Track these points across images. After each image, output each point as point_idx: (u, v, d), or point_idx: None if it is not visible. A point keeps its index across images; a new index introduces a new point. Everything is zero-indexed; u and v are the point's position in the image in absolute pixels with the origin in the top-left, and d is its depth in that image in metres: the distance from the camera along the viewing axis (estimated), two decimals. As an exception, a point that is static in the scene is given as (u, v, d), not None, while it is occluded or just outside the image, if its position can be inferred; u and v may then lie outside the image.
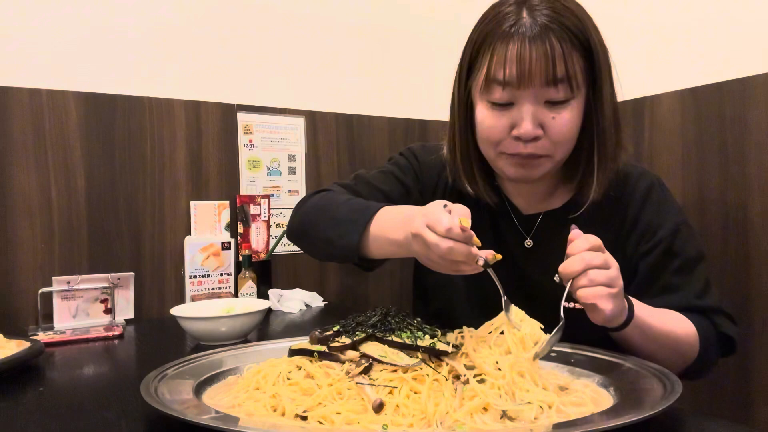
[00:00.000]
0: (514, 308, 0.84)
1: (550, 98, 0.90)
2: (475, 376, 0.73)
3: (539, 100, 0.90)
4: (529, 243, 1.05)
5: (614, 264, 0.81)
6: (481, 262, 0.77)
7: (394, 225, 0.89)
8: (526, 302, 0.92)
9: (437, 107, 2.00)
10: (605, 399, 0.75)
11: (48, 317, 1.40)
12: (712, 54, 1.35)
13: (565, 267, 0.81)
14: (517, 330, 0.81)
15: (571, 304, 0.98)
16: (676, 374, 0.90)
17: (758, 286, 1.26)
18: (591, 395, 0.75)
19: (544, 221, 1.05)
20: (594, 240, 0.81)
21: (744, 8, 1.29)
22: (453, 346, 0.77)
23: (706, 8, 1.36)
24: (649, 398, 0.69)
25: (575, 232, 0.83)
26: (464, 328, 0.84)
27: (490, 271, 0.80)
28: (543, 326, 0.82)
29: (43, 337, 1.25)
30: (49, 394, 0.91)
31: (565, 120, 0.91)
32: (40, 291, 1.40)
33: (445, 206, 0.78)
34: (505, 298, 0.83)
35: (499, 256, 0.78)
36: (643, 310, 0.89)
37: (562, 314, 0.80)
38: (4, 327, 1.20)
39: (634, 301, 0.89)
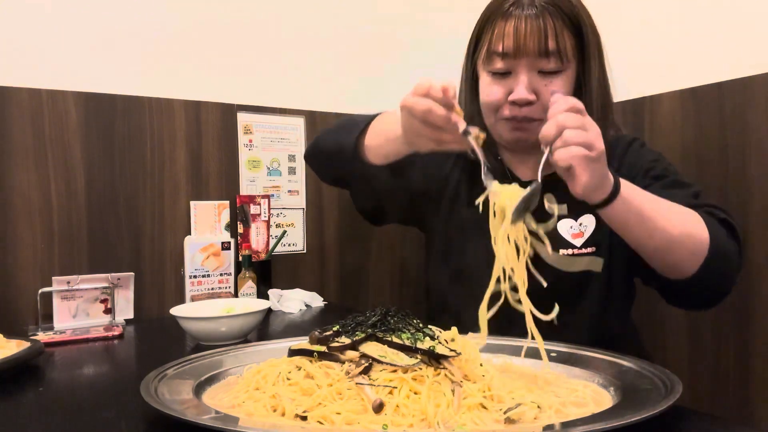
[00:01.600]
0: (495, 183, 0.84)
1: (542, 68, 1.02)
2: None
3: (533, 69, 1.02)
4: None
5: (594, 128, 0.80)
6: (461, 128, 0.81)
7: (391, 122, 0.98)
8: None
9: (437, 107, 2.00)
10: (605, 399, 0.75)
11: (48, 317, 1.40)
12: (712, 54, 1.35)
13: (543, 131, 0.81)
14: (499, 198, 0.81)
15: (569, 251, 1.05)
16: (696, 271, 0.89)
17: (758, 286, 1.26)
18: (591, 395, 0.75)
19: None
20: (573, 102, 0.81)
21: (744, 8, 1.29)
22: (452, 350, 0.76)
23: (706, 8, 1.36)
24: (649, 398, 0.69)
25: (555, 96, 0.85)
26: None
27: (471, 140, 0.82)
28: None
29: (43, 337, 1.25)
30: (49, 394, 0.91)
31: (557, 87, 1.02)
32: (40, 291, 1.40)
33: None
34: (487, 166, 0.84)
35: (483, 135, 0.83)
36: (631, 187, 0.87)
37: (539, 177, 0.81)
38: (4, 327, 1.20)
39: (621, 179, 0.86)
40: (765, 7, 1.26)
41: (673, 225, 0.88)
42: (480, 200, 0.84)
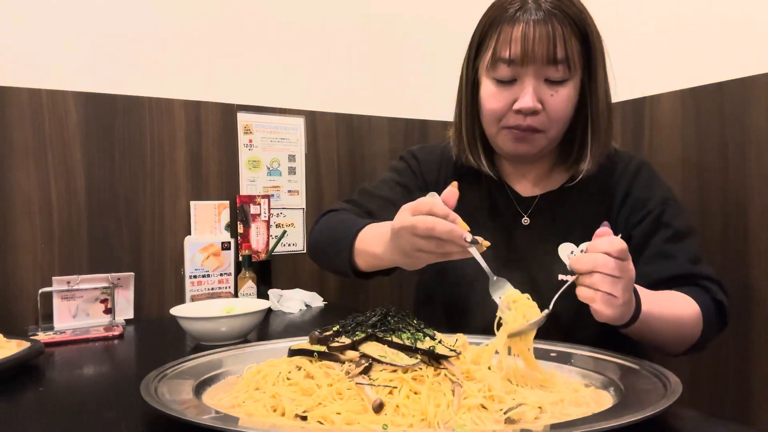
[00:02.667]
0: (510, 288, 0.83)
1: (549, 77, 0.98)
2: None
3: (540, 77, 0.98)
4: (526, 221, 1.11)
5: (627, 276, 0.78)
6: (468, 238, 0.78)
7: (373, 240, 0.97)
8: (522, 274, 1.00)
9: (437, 107, 2.00)
10: (605, 399, 0.75)
11: (48, 317, 1.40)
12: (712, 54, 1.35)
13: (575, 260, 0.79)
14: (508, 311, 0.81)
15: (569, 277, 1.02)
16: (676, 354, 0.97)
17: (758, 286, 1.26)
18: (591, 395, 0.75)
19: (541, 201, 1.11)
20: (618, 244, 0.77)
21: (744, 8, 1.29)
22: (452, 350, 0.76)
23: (706, 8, 1.36)
24: (649, 398, 0.69)
25: (603, 229, 0.81)
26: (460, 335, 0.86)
27: (473, 251, 0.80)
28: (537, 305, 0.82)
29: (43, 337, 1.25)
30: (49, 394, 0.92)
31: (563, 97, 0.99)
32: (40, 291, 1.40)
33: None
34: (495, 278, 0.84)
35: (488, 243, 0.80)
36: (649, 303, 0.87)
37: (551, 306, 0.80)
38: (4, 327, 1.20)
39: (641, 294, 0.86)
40: (765, 7, 1.26)
41: (677, 327, 0.93)
42: (497, 318, 0.83)
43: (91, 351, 1.20)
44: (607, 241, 0.78)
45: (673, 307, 0.93)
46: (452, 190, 0.82)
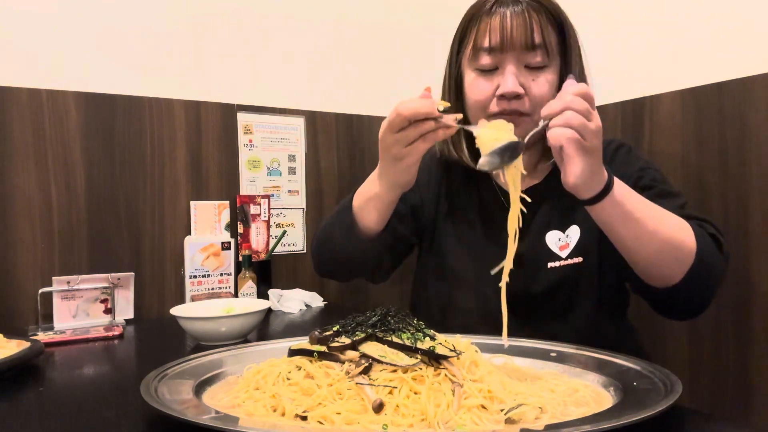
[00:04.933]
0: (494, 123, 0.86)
1: (529, 62, 1.02)
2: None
3: (520, 63, 1.02)
4: None
5: (596, 121, 0.80)
6: (441, 107, 0.85)
7: (366, 188, 1.03)
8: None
9: (437, 107, 2.00)
10: (605, 399, 0.75)
11: (48, 317, 1.40)
12: (712, 54, 1.35)
13: (547, 105, 0.81)
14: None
15: (557, 263, 1.05)
16: (680, 281, 0.88)
17: (758, 286, 1.26)
18: (591, 395, 0.75)
19: (526, 194, 1.09)
20: (585, 88, 0.80)
21: (744, 8, 1.29)
22: (452, 350, 0.76)
23: (706, 8, 1.36)
24: (649, 398, 0.69)
25: (570, 81, 0.84)
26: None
27: (451, 120, 0.85)
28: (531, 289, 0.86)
29: (43, 337, 1.25)
30: (49, 394, 0.92)
31: (543, 82, 1.03)
32: (40, 291, 1.40)
33: None
34: (465, 128, 0.88)
35: (460, 115, 0.88)
36: (625, 189, 0.86)
37: (525, 140, 0.84)
38: (4, 327, 1.20)
39: (616, 179, 0.86)
40: (765, 7, 1.26)
41: (662, 231, 0.86)
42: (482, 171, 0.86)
43: (91, 351, 1.20)
44: (575, 85, 0.81)
45: (654, 208, 0.88)
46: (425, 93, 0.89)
